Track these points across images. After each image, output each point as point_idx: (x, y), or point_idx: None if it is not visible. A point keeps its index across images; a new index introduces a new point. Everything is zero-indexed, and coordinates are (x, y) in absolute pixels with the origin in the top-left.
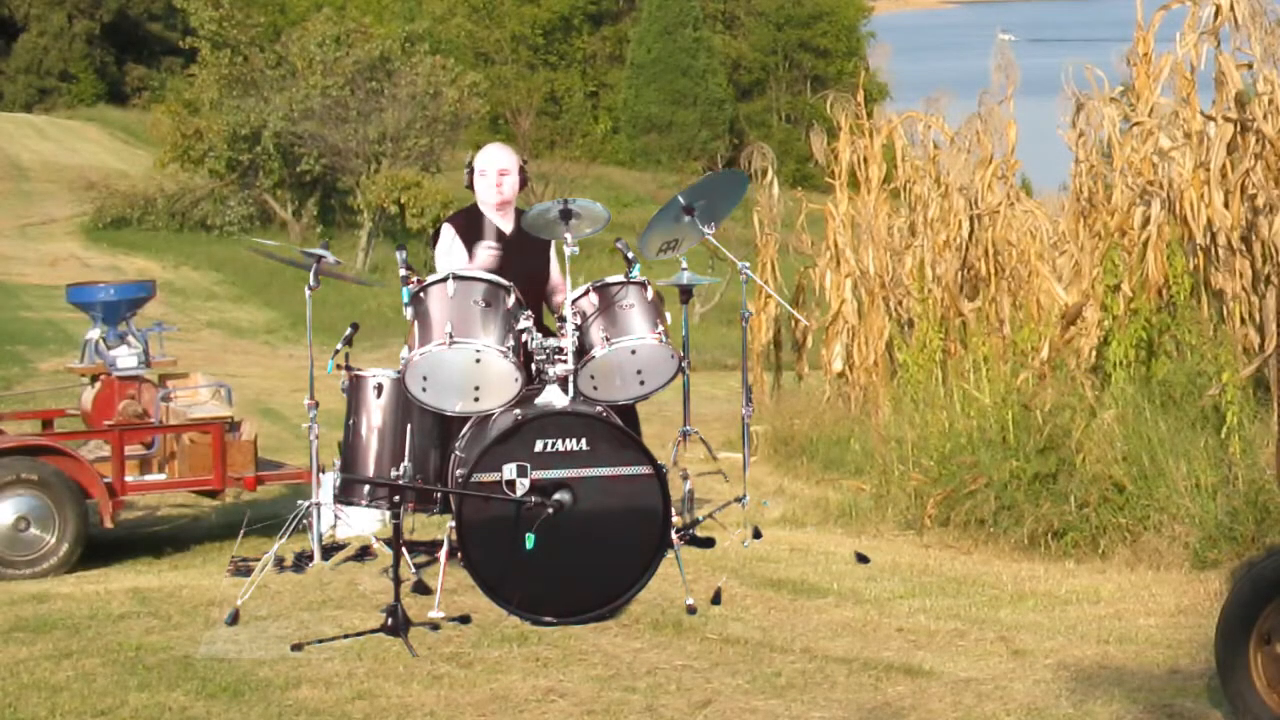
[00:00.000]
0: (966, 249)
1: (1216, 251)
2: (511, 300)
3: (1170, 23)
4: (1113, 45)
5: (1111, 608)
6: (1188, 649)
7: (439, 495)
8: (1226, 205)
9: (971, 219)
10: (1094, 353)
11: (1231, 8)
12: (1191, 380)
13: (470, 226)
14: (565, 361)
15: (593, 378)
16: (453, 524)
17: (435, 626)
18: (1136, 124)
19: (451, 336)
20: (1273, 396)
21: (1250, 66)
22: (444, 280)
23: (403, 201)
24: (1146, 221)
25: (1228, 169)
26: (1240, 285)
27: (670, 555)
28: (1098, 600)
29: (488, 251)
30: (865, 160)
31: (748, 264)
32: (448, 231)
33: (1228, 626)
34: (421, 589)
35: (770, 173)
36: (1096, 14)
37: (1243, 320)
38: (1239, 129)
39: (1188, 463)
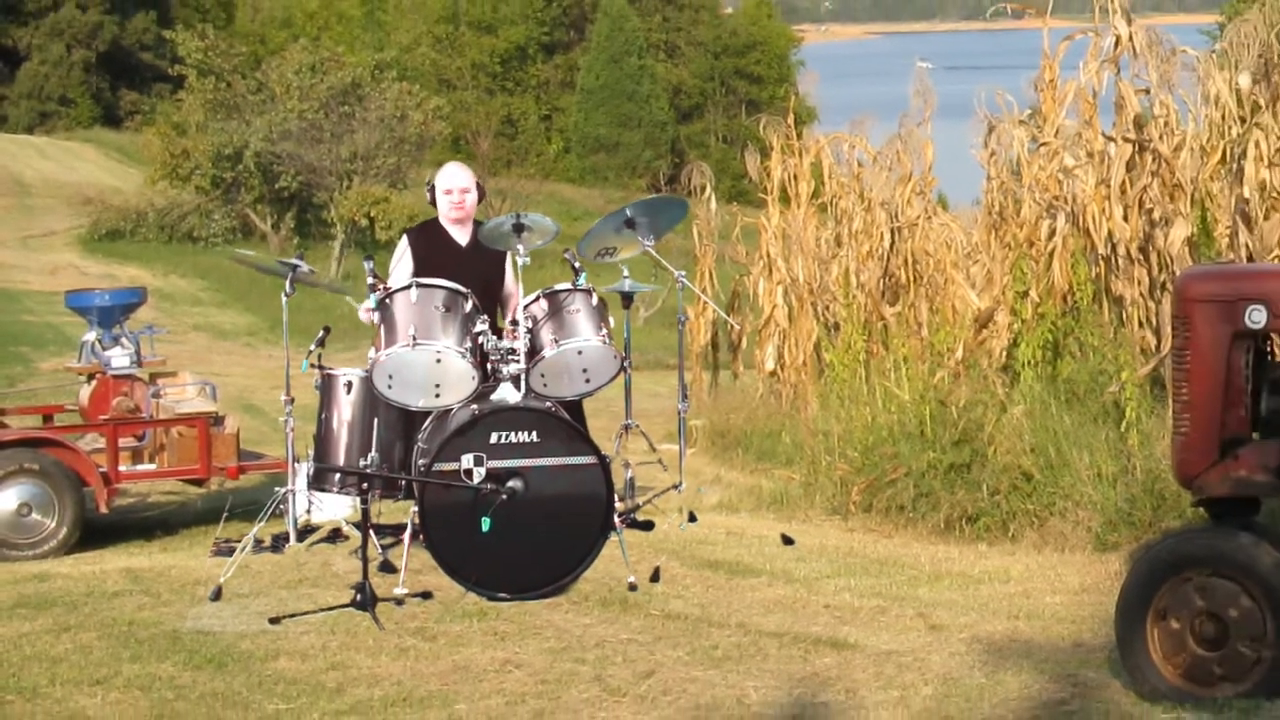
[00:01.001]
0: (888, 258)
1: (1116, 261)
2: (469, 306)
3: (1074, 52)
4: (1021, 72)
5: (1020, 586)
6: (1090, 624)
7: (403, 483)
8: (1126, 219)
9: (892, 231)
10: (1004, 353)
11: (1130, 38)
12: (1094, 378)
13: (429, 239)
14: (518, 361)
15: (543, 376)
16: (416, 509)
17: (400, 602)
18: (1043, 144)
19: (414, 339)
20: (1168, 393)
21: (1147, 92)
22: (408, 288)
23: (372, 215)
24: (1052, 233)
25: (1127, 185)
26: (1138, 292)
27: (614, 537)
28: (1008, 580)
29: (446, 261)
30: (795, 177)
31: (684, 272)
32: (402, 243)
33: (1127, 604)
34: (388, 568)
35: (708, 189)
36: (1006, 43)
37: (1140, 324)
38: (1137, 149)
39: (1090, 454)
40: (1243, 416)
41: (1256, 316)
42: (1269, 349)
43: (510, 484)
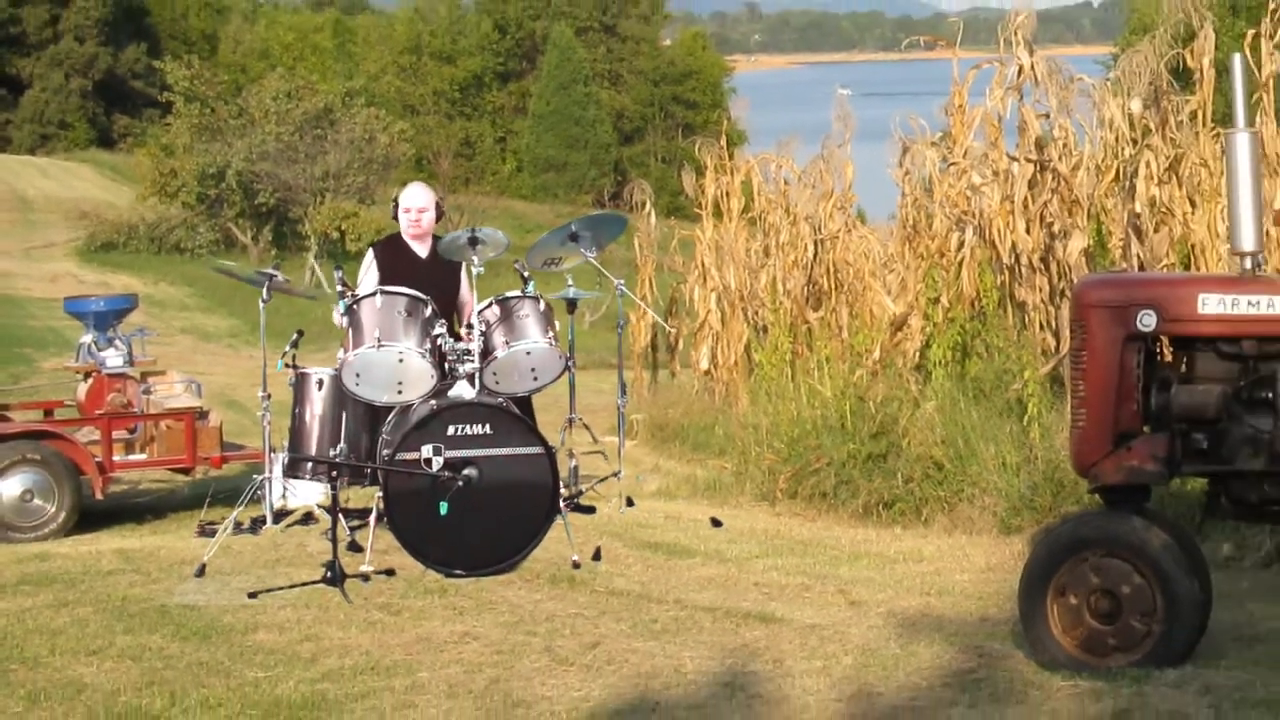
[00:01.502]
0: (811, 268)
1: (1019, 270)
2: (429, 311)
3: (981, 80)
4: (933, 98)
5: (932, 566)
6: (996, 600)
7: (369, 471)
8: (1028, 231)
9: (816, 243)
10: (917, 354)
11: (1032, 67)
12: (999, 377)
13: (393, 251)
14: (472, 361)
15: (495, 374)
16: (380, 494)
17: (367, 579)
18: (953, 164)
19: (379, 341)
20: (1066, 391)
21: (1047, 116)
22: (373, 295)
23: (343, 229)
24: (961, 245)
25: (1029, 201)
26: (1039, 298)
27: (559, 521)
28: (920, 559)
29: (408, 271)
30: (727, 194)
31: (623, 281)
32: (369, 255)
33: (1029, 581)
34: (355, 548)
35: (648, 205)
36: (920, 72)
37: (1041, 327)
38: (1038, 168)
39: (996, 445)
40: (1134, 411)
41: (1147, 320)
42: (1158, 350)
43: (466, 472)
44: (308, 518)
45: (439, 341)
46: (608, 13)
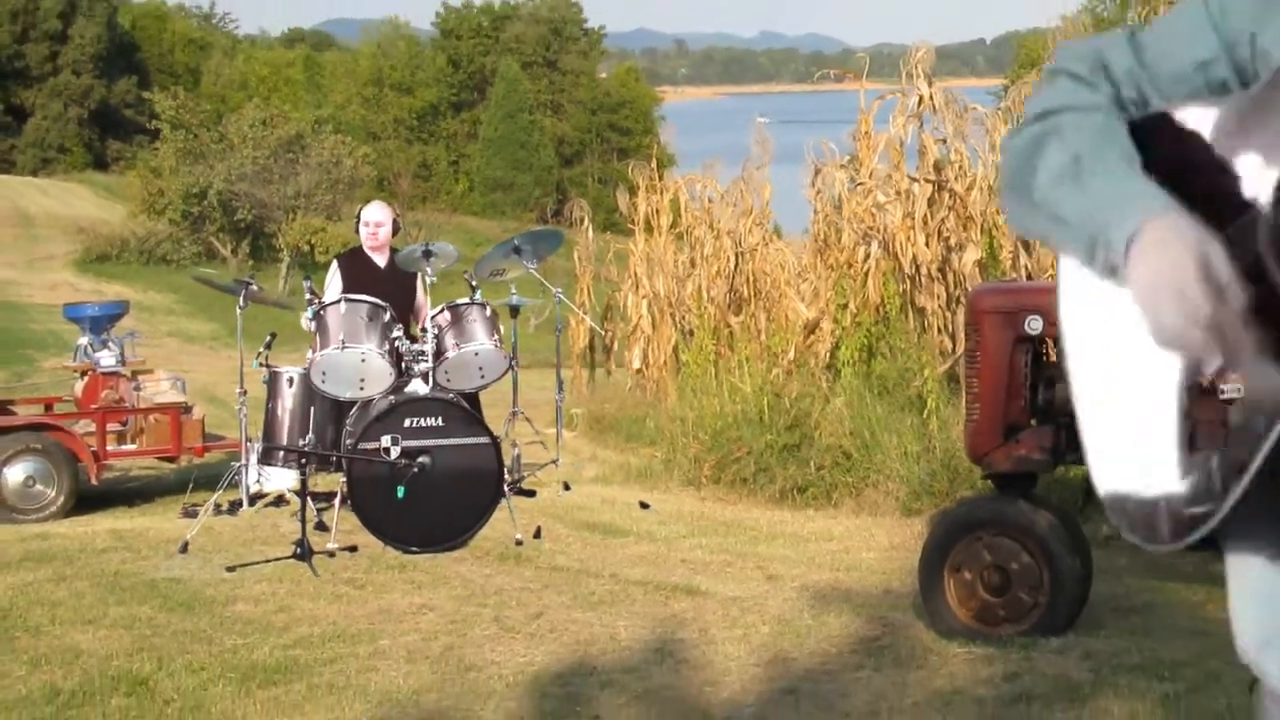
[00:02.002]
0: (733, 277)
1: (920, 279)
2: (387, 316)
3: (885, 109)
4: (842, 126)
5: (841, 544)
6: (898, 575)
7: (335, 459)
8: (927, 245)
9: (736, 255)
10: (828, 354)
11: (931, 98)
12: (901, 375)
13: (355, 262)
14: (426, 361)
15: (446, 373)
16: (344, 480)
17: (332, 555)
18: (860, 184)
19: (343, 343)
20: (962, 388)
21: (944, 141)
22: (338, 302)
23: (312, 242)
24: (867, 257)
25: (928, 218)
26: (937, 304)
27: (504, 503)
28: (831, 539)
29: (368, 280)
30: (657, 211)
31: (561, 289)
32: (333, 266)
33: (928, 558)
34: (322, 527)
35: (586, 221)
36: (830, 102)
37: (939, 331)
38: (936, 188)
39: (898, 436)
40: (1023, 407)
41: (1034, 324)
42: (1044, 351)
43: (420, 460)
44: (280, 500)
45: (396, 343)
46: (550, 49)
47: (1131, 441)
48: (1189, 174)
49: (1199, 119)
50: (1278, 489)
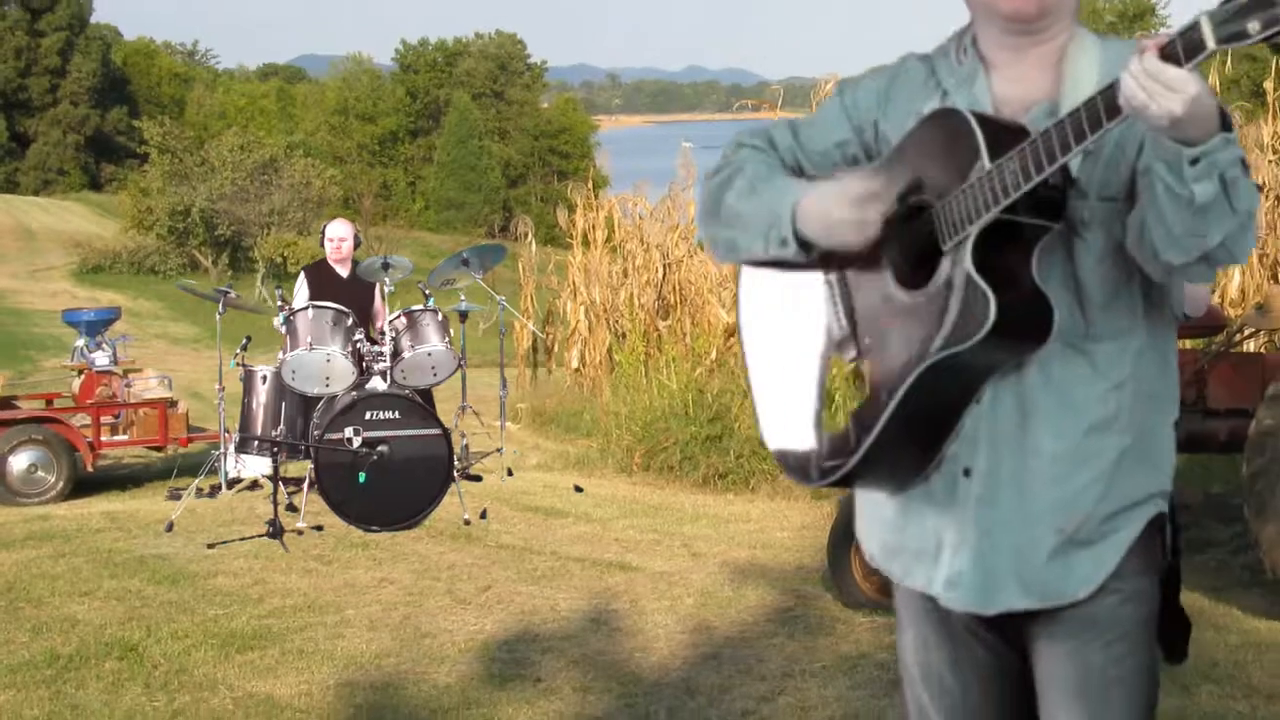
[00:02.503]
0: (661, 286)
1: None
2: (350, 321)
3: None
4: None
5: (758, 525)
6: (809, 552)
7: (303, 448)
8: None
9: (664, 266)
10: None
11: None
12: None
13: (321, 273)
14: (384, 361)
15: (403, 371)
16: (312, 466)
17: (301, 533)
18: None
19: (311, 344)
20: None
21: None
22: (306, 308)
23: (285, 255)
24: None
25: None
26: None
27: (454, 488)
28: (749, 520)
29: (332, 289)
30: (594, 227)
31: (505, 297)
32: (301, 277)
33: (835, 537)
34: (292, 509)
35: (530, 235)
36: (747, 128)
37: None
38: None
39: None
40: None
41: None
42: None
43: (379, 448)
44: (255, 485)
45: (358, 345)
46: (498, 82)
47: (787, 406)
48: None
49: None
50: (895, 444)
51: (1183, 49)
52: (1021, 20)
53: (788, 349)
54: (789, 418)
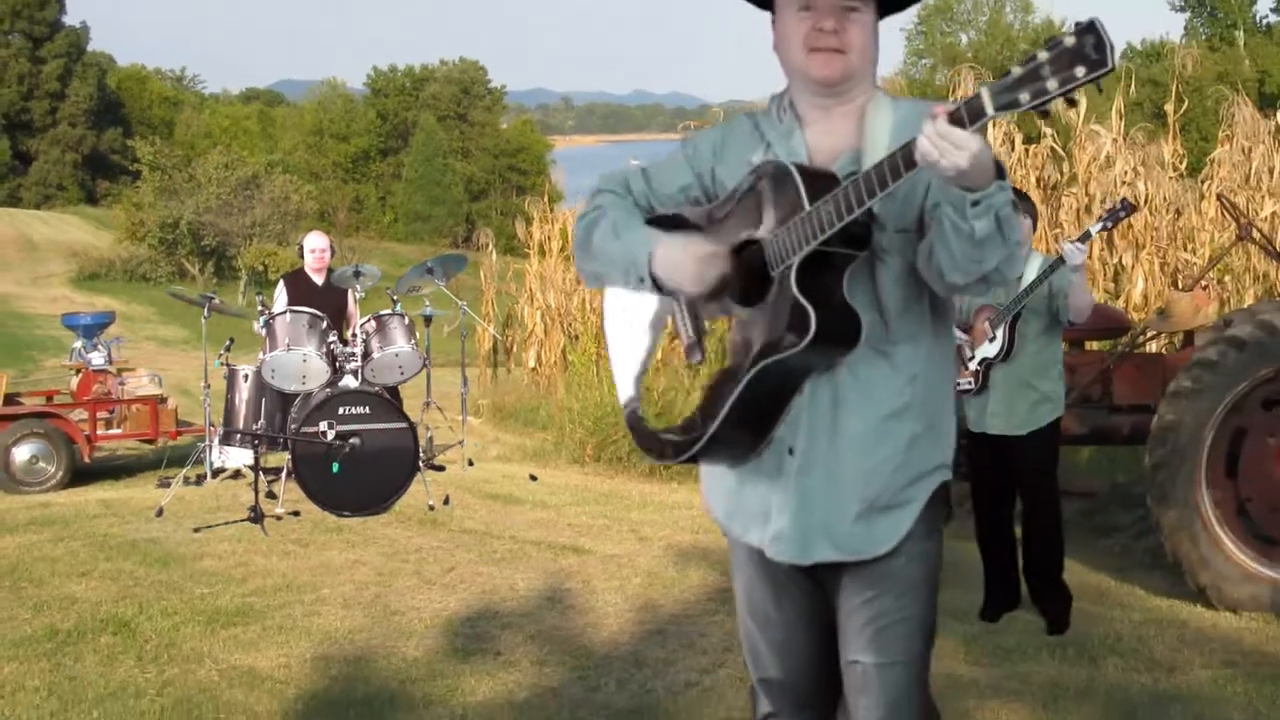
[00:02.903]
0: None
1: None
2: (324, 324)
3: None
4: None
5: (700, 512)
6: None
7: (282, 440)
8: None
9: None
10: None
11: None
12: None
13: (298, 281)
14: (356, 361)
15: (372, 370)
16: (290, 457)
17: (279, 518)
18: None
19: (288, 346)
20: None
21: None
22: (284, 313)
23: (266, 264)
24: None
25: None
26: None
27: (420, 477)
28: (691, 507)
29: (308, 295)
30: (550, 238)
31: (466, 302)
32: (280, 284)
33: None
34: (272, 496)
35: (490, 246)
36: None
37: None
38: None
39: None
40: None
41: None
42: None
43: (351, 441)
44: (237, 474)
45: (331, 346)
46: (461, 105)
47: (637, 391)
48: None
49: (688, 213)
50: (734, 429)
51: (967, 115)
52: (828, 85)
53: (643, 350)
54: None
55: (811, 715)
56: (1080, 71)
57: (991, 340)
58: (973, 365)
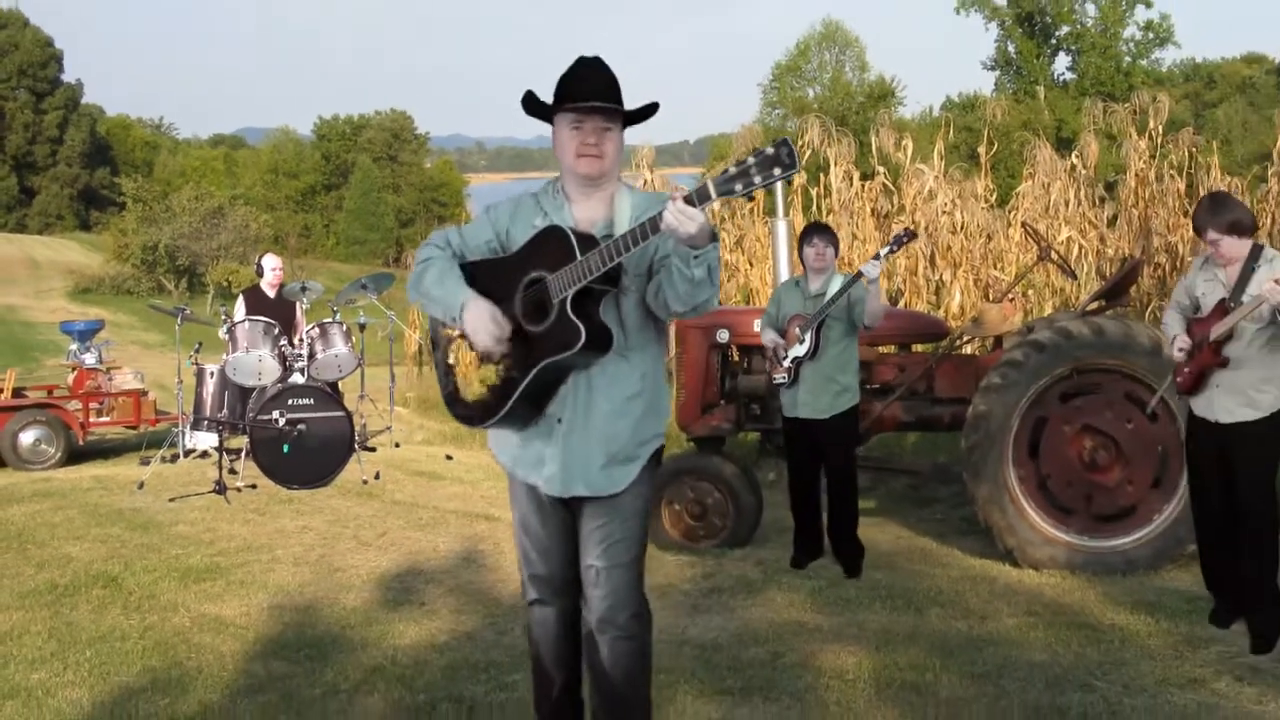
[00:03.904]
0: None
1: None
2: (277, 330)
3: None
4: None
5: None
6: None
7: (241, 426)
8: None
9: None
10: None
11: (651, 181)
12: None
13: (255, 295)
14: (302, 361)
15: (316, 369)
16: (248, 440)
17: (240, 490)
18: None
19: (247, 348)
20: (674, 378)
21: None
22: (243, 321)
23: (229, 280)
24: None
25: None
26: None
27: (355, 456)
28: None
29: (263, 306)
30: None
31: (395, 313)
32: (239, 299)
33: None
34: (233, 472)
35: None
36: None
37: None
38: None
39: None
40: (715, 391)
41: (723, 335)
42: (729, 353)
43: (299, 426)
44: (205, 454)
45: (283, 349)
46: (392, 148)
47: (451, 382)
48: (487, 279)
49: (490, 262)
50: (522, 406)
51: (697, 198)
52: (590, 179)
53: (449, 357)
54: (462, 392)
55: (563, 601)
56: (777, 171)
57: (801, 343)
58: (786, 363)
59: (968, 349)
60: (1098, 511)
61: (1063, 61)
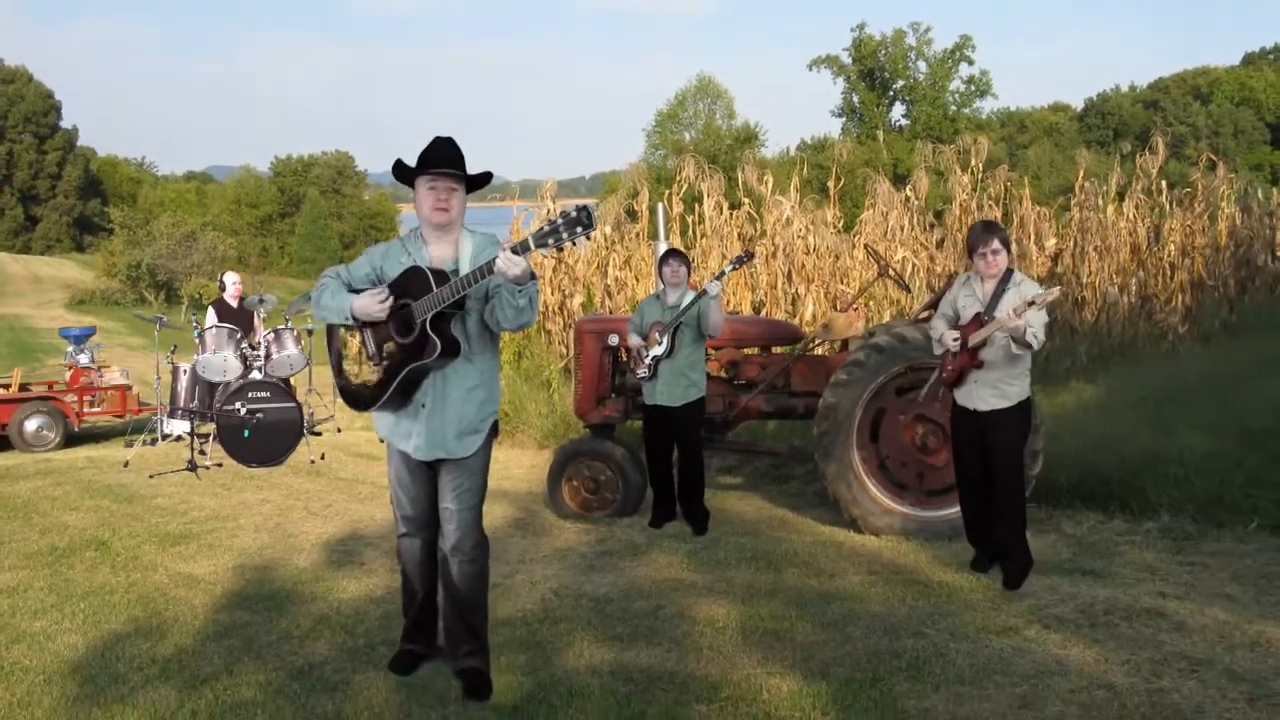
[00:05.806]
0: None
1: (548, 313)
2: (239, 335)
3: (528, 218)
4: (504, 226)
5: (503, 465)
6: (537, 482)
7: (210, 415)
8: (552, 293)
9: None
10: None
11: (555, 209)
12: (538, 368)
13: (220, 305)
14: (260, 360)
15: (272, 367)
16: (215, 426)
17: (209, 468)
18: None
19: (214, 350)
20: (573, 374)
21: (574, 243)
22: (211, 327)
23: (201, 293)
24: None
25: (551, 278)
26: (560, 327)
27: (305, 440)
28: (498, 461)
29: (227, 315)
30: None
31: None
32: (209, 309)
33: (553, 472)
34: (203, 453)
35: None
36: (498, 214)
37: (559, 343)
38: (557, 261)
39: (535, 403)
40: (607, 385)
41: (613, 339)
42: (618, 354)
43: (257, 415)
44: (179, 438)
45: (244, 350)
46: (336, 182)
47: (344, 376)
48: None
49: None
50: (397, 395)
51: (520, 249)
52: (440, 227)
53: (339, 357)
54: (352, 384)
55: (424, 534)
56: (579, 229)
57: (660, 345)
58: (647, 361)
59: (819, 351)
60: (928, 487)
61: (899, 110)
